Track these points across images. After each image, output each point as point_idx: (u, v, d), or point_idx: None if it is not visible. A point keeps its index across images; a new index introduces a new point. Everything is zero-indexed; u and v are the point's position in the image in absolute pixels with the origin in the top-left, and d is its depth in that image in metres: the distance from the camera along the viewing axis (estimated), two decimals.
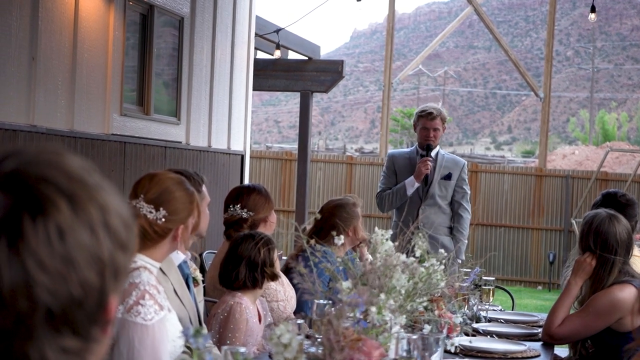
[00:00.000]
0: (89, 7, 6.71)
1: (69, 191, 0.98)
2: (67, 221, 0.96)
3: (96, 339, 1.01)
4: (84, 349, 0.99)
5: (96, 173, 1.03)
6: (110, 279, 1.00)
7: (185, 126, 8.41)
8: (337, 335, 2.52)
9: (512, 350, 3.83)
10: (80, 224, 0.97)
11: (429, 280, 3.32)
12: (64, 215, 0.96)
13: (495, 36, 18.23)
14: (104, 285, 0.99)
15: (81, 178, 1.00)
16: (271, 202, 4.70)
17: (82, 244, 0.97)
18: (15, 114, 5.93)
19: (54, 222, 0.96)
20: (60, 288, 0.95)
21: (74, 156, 1.03)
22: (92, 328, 1.00)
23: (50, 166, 0.99)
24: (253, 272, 3.77)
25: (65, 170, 1.00)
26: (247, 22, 9.82)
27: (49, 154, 1.01)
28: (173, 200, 2.96)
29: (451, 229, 6.38)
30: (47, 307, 0.95)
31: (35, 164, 0.99)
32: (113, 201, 1.03)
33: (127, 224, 1.04)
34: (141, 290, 2.76)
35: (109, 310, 1.01)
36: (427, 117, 6.31)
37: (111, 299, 1.01)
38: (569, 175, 15.37)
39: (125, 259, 1.03)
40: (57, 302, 0.95)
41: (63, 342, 0.97)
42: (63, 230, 0.96)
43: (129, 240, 1.04)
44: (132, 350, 2.72)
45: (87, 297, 0.97)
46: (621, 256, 4.08)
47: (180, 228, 2.99)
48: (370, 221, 15.46)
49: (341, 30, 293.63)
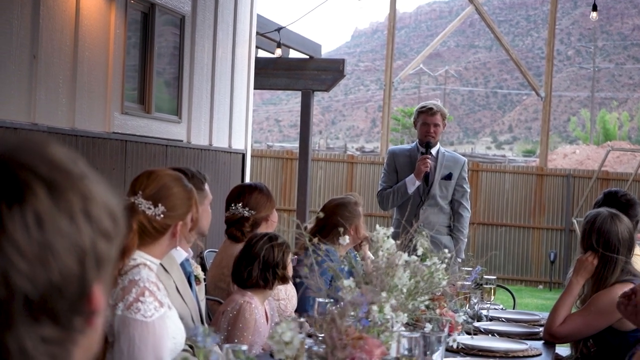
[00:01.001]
0: (90, 5, 6.71)
1: (49, 178, 0.97)
2: (46, 209, 0.95)
3: (79, 329, 0.99)
4: (65, 339, 0.97)
5: (82, 163, 1.02)
6: (92, 268, 0.98)
7: (186, 125, 8.41)
8: (340, 333, 2.52)
9: (514, 348, 3.83)
10: (60, 211, 0.96)
11: (430, 279, 3.31)
12: (42, 202, 0.95)
13: (496, 35, 18.22)
14: (85, 274, 0.97)
15: (63, 166, 0.99)
16: (273, 201, 4.70)
17: (61, 231, 0.95)
18: (16, 112, 5.93)
19: (32, 209, 0.94)
20: (39, 275, 0.93)
21: (60, 147, 1.02)
22: (74, 317, 0.98)
23: (32, 154, 0.98)
24: (265, 272, 3.77)
25: (46, 158, 0.99)
26: (248, 21, 9.82)
27: (32, 143, 1.00)
28: (171, 196, 2.96)
29: (451, 228, 6.37)
30: (25, 295, 0.93)
31: (16, 152, 0.98)
32: (97, 191, 1.01)
33: (112, 214, 1.02)
34: (141, 287, 2.76)
35: (92, 300, 0.99)
36: (427, 112, 6.32)
37: (94, 289, 0.99)
38: (570, 174, 15.37)
39: (109, 248, 1.01)
40: (35, 290, 0.93)
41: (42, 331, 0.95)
42: (41, 218, 0.95)
43: (115, 230, 1.02)
44: (132, 348, 2.72)
45: (67, 285, 0.96)
46: (623, 255, 4.08)
47: (179, 224, 2.98)
48: (370, 220, 15.45)
49: (342, 29, 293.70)
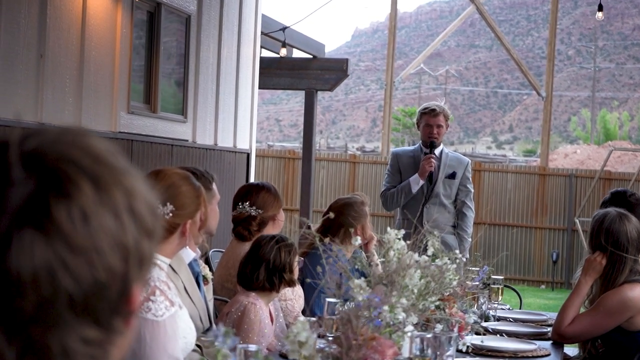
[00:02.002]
0: (96, 5, 6.72)
1: (93, 173, 0.93)
2: (91, 205, 0.92)
3: (118, 330, 0.96)
4: (105, 340, 0.95)
5: (121, 156, 0.99)
6: (135, 267, 0.96)
7: (191, 124, 8.42)
8: (355, 334, 2.53)
9: (522, 349, 3.84)
10: (105, 208, 0.93)
11: (441, 279, 3.32)
12: (87, 198, 0.92)
13: (497, 35, 18.23)
14: (128, 273, 0.95)
15: (107, 160, 0.96)
16: (280, 201, 4.70)
17: (106, 229, 0.92)
18: (23, 111, 5.94)
19: (77, 205, 0.91)
20: (84, 274, 0.91)
21: (100, 139, 0.98)
22: (114, 318, 0.95)
23: (75, 146, 0.94)
24: (272, 276, 3.76)
25: (90, 151, 0.95)
26: (253, 20, 9.82)
27: (72, 134, 0.96)
28: (180, 195, 2.96)
29: (455, 227, 6.38)
30: (70, 294, 0.90)
31: (59, 144, 0.94)
32: (139, 186, 0.98)
33: (153, 210, 0.99)
34: (151, 286, 2.76)
35: (132, 301, 0.97)
36: (430, 113, 6.34)
37: (135, 289, 0.97)
38: (573, 174, 15.36)
39: (150, 247, 0.99)
40: (79, 289, 0.91)
41: (84, 332, 0.92)
42: (87, 214, 0.91)
43: (155, 227, 0.99)
44: (143, 347, 2.72)
45: (111, 285, 0.93)
46: (632, 255, 4.08)
47: (188, 223, 2.98)
48: (374, 220, 15.46)
49: (343, 28, 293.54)
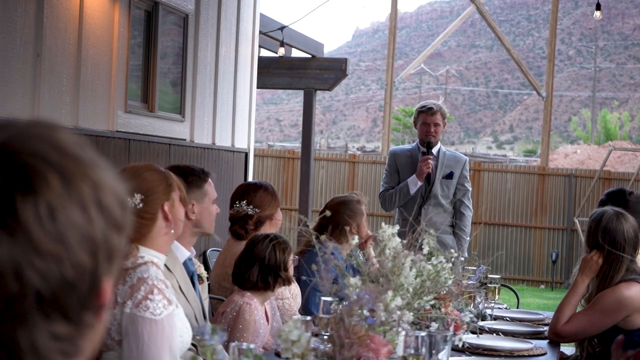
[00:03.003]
0: (94, 4, 6.71)
1: (61, 167, 0.92)
2: (58, 199, 0.91)
3: (89, 325, 0.96)
4: (75, 335, 0.94)
5: (90, 149, 0.97)
6: (104, 261, 0.94)
7: (189, 123, 8.41)
8: (348, 332, 2.52)
9: (519, 348, 3.83)
10: (72, 201, 0.91)
11: (436, 278, 3.31)
12: (54, 192, 0.90)
13: (498, 35, 18.22)
14: (97, 268, 0.94)
15: (74, 153, 0.95)
16: (277, 200, 4.69)
17: (73, 224, 0.91)
18: (20, 110, 5.93)
19: (44, 199, 0.90)
20: (52, 270, 0.90)
21: (68, 132, 0.97)
22: (84, 313, 0.94)
23: (42, 140, 0.94)
24: (267, 275, 3.74)
25: (57, 145, 0.94)
26: (251, 19, 9.82)
27: (40, 128, 0.96)
28: (144, 180, 2.92)
29: (453, 226, 6.37)
30: (37, 291, 0.89)
31: (26, 138, 0.93)
32: (107, 178, 0.97)
33: (122, 203, 0.98)
34: (149, 285, 2.75)
35: (102, 295, 0.96)
36: (427, 112, 6.33)
37: (104, 283, 0.96)
38: (572, 174, 15.36)
39: (119, 240, 0.97)
40: (47, 285, 0.90)
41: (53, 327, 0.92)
42: (54, 209, 0.90)
43: (124, 220, 0.98)
44: (141, 345, 2.71)
45: (79, 280, 0.92)
46: (628, 254, 4.08)
47: (165, 206, 2.95)
48: (373, 219, 15.46)
49: (343, 28, 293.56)
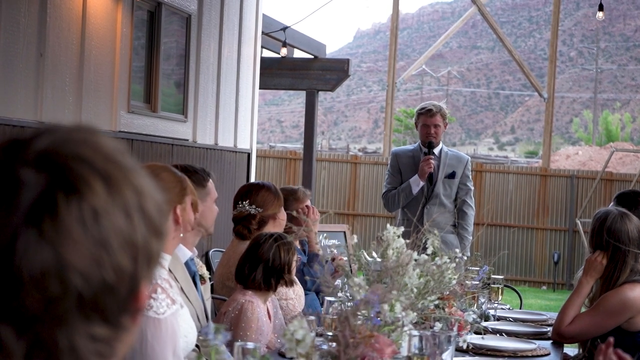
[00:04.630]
0: (97, 4, 6.71)
1: (105, 172, 0.94)
2: (102, 203, 0.93)
3: (125, 327, 0.98)
4: (112, 337, 0.96)
5: (129, 155, 1.00)
6: (143, 266, 0.97)
7: (192, 124, 8.41)
8: (352, 332, 2.52)
9: (522, 348, 3.83)
10: (116, 206, 0.94)
11: (440, 278, 3.31)
12: (98, 196, 0.92)
13: (499, 36, 18.22)
14: (137, 272, 0.96)
15: (117, 159, 0.97)
16: (281, 200, 4.68)
17: (116, 228, 0.93)
18: (23, 110, 5.93)
19: (88, 203, 0.92)
20: (94, 272, 0.91)
21: (109, 138, 1.00)
22: (122, 316, 0.96)
23: (86, 145, 0.96)
24: (270, 276, 3.74)
25: (101, 150, 0.96)
26: (254, 20, 9.82)
27: (83, 133, 0.98)
28: (159, 181, 2.93)
29: (455, 226, 6.38)
30: (79, 292, 0.91)
31: (70, 142, 0.95)
32: (147, 185, 0.99)
33: (161, 209, 1.00)
34: (153, 284, 2.75)
35: (139, 298, 0.98)
36: (426, 114, 6.36)
37: (142, 287, 0.98)
38: (574, 175, 15.35)
39: (158, 245, 0.99)
40: (89, 287, 0.91)
41: (92, 329, 0.93)
42: (98, 212, 0.92)
43: (163, 226, 1.00)
44: (145, 344, 2.72)
45: (120, 284, 0.94)
46: (632, 254, 4.07)
47: (177, 208, 2.97)
48: (375, 220, 15.47)
49: (345, 30, 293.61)
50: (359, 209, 15.69)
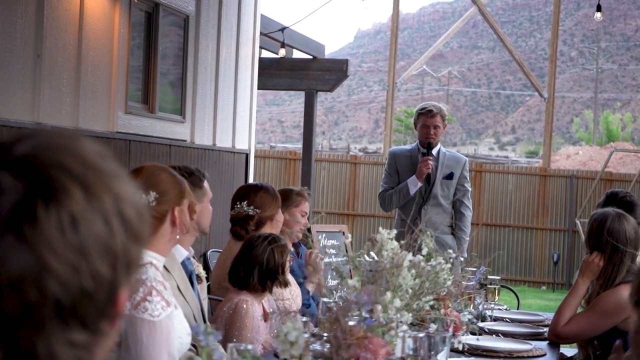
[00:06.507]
0: (94, 5, 6.71)
1: (84, 179, 0.95)
2: (81, 210, 0.93)
3: (104, 333, 0.98)
4: (91, 343, 0.96)
5: (112, 159, 1.00)
6: (122, 272, 0.97)
7: (190, 124, 8.41)
8: (344, 333, 2.51)
9: (518, 349, 3.83)
10: (94, 213, 0.94)
11: (435, 279, 3.31)
12: (77, 203, 0.93)
13: (500, 36, 18.21)
14: (116, 278, 0.96)
15: (96, 165, 0.97)
16: (278, 201, 4.67)
17: (95, 234, 0.93)
18: (20, 111, 5.93)
19: (67, 210, 0.92)
20: (72, 279, 0.92)
21: (90, 141, 1.00)
22: (101, 321, 0.97)
23: (66, 152, 0.96)
24: (265, 278, 3.74)
25: (80, 157, 0.96)
26: (252, 21, 9.81)
27: (64, 139, 0.98)
28: (160, 182, 2.96)
29: (453, 227, 6.37)
30: (57, 299, 0.91)
31: (51, 149, 0.96)
32: (127, 190, 0.99)
33: (140, 214, 1.00)
34: (148, 286, 2.76)
35: (118, 304, 0.98)
36: (426, 114, 6.34)
37: (121, 292, 0.98)
38: (574, 175, 15.35)
39: (137, 251, 0.99)
40: (67, 294, 0.92)
41: (71, 335, 0.94)
42: (76, 219, 0.92)
43: (142, 231, 1.00)
44: (140, 347, 2.71)
45: (98, 290, 0.94)
46: (629, 255, 4.07)
47: (175, 210, 2.97)
48: (373, 220, 15.46)
49: (345, 30, 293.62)
50: (359, 209, 15.69)
